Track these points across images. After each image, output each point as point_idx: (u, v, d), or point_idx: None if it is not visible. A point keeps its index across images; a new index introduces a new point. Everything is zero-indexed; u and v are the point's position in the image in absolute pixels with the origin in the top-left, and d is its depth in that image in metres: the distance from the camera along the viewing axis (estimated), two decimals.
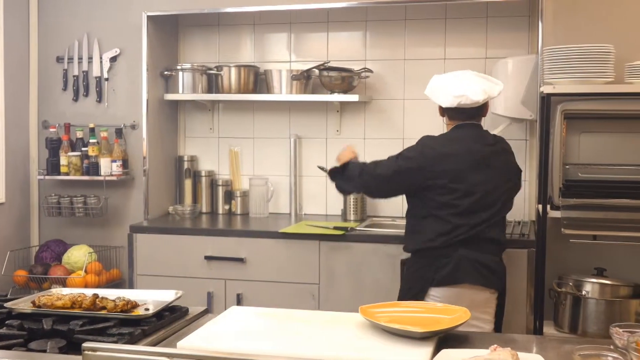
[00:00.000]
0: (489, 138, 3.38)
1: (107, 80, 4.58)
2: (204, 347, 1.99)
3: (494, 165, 3.29)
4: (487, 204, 3.24)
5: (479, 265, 3.20)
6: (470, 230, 3.20)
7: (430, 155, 3.27)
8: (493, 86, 3.34)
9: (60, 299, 2.27)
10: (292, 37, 4.64)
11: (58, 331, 2.07)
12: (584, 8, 3.79)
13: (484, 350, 1.94)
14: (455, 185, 3.21)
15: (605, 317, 3.33)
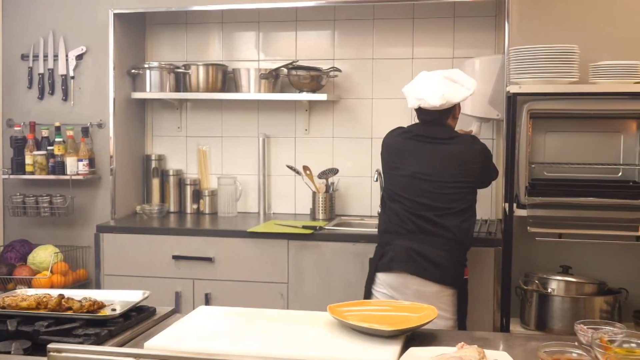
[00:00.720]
0: (442, 134, 3.37)
1: (73, 79, 4.53)
2: (171, 347, 1.98)
3: (441, 160, 3.30)
4: (433, 197, 3.27)
5: (417, 256, 3.21)
6: (415, 222, 3.26)
7: (384, 146, 3.50)
8: (455, 92, 3.35)
9: (25, 300, 2.25)
10: (260, 35, 4.63)
11: (23, 332, 2.05)
12: (549, 9, 3.83)
13: (451, 348, 1.96)
14: (399, 177, 3.34)
15: (571, 314, 3.37)
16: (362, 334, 2.09)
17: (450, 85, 3.37)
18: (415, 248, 3.22)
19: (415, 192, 3.29)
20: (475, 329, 3.19)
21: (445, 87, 3.34)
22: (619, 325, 2.11)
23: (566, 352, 1.90)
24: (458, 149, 3.33)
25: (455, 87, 3.38)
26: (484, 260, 3.68)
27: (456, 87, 3.38)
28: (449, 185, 3.27)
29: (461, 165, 3.30)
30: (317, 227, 3.99)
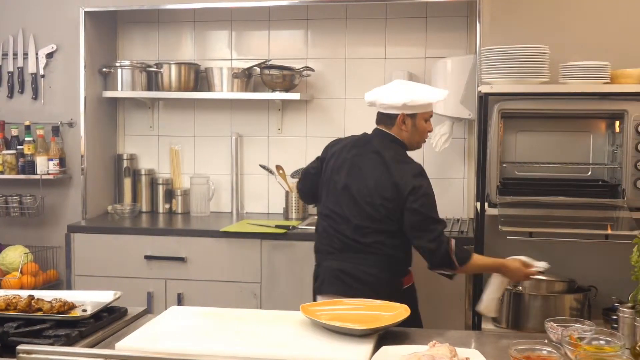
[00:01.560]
0: (374, 146, 3.15)
1: (44, 77, 4.48)
2: (143, 347, 1.97)
3: (362, 173, 3.09)
4: (353, 212, 3.06)
5: (345, 277, 3.03)
6: (342, 240, 3.07)
7: (327, 148, 3.38)
8: (396, 100, 3.10)
9: None
10: (233, 34, 4.62)
11: None
12: (520, 10, 3.87)
13: (423, 347, 1.97)
14: (326, 185, 3.21)
15: (541, 312, 3.40)
16: (334, 333, 2.09)
17: (400, 93, 3.13)
18: (343, 268, 3.03)
19: (338, 204, 3.10)
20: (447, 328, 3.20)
21: (394, 93, 3.15)
22: (588, 323, 2.14)
23: (536, 350, 1.92)
24: (385, 168, 3.05)
25: (405, 94, 3.12)
26: None
27: (405, 94, 3.12)
28: (373, 202, 3.02)
29: (382, 185, 3.02)
30: (290, 227, 3.99)
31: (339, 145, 3.28)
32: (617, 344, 1.90)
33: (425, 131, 3.20)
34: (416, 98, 3.10)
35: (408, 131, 3.15)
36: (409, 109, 3.10)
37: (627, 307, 2.21)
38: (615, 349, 1.89)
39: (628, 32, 3.78)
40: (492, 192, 3.56)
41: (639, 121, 3.40)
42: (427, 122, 3.19)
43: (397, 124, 3.15)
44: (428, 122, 3.19)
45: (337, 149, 3.27)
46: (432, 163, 4.37)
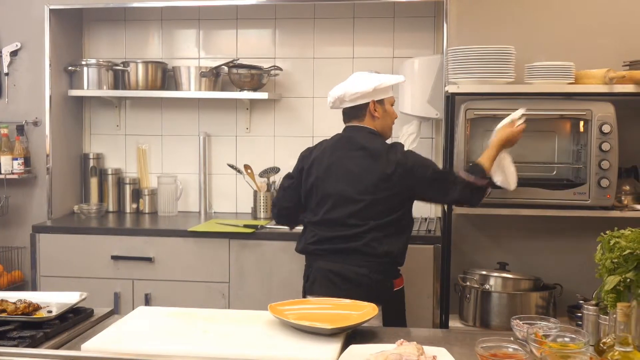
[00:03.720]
0: (356, 143, 3.15)
1: (7, 75, 4.42)
2: (109, 348, 1.96)
3: (352, 173, 3.08)
4: (347, 213, 3.05)
5: (335, 278, 3.03)
6: (331, 241, 3.07)
7: (303, 158, 3.32)
8: (366, 87, 3.14)
9: None
10: (200, 33, 4.60)
11: None
12: (486, 10, 3.91)
13: (390, 345, 1.98)
14: (314, 193, 3.18)
15: (508, 310, 3.44)
16: (303, 332, 2.09)
17: (349, 83, 3.21)
18: (334, 269, 3.03)
19: (330, 208, 3.09)
20: (414, 326, 3.23)
21: (346, 84, 3.21)
22: (553, 320, 2.16)
23: (503, 347, 1.94)
24: (372, 163, 3.06)
25: (352, 84, 3.19)
26: (423, 257, 3.73)
27: (352, 84, 3.19)
28: (365, 199, 3.03)
29: (377, 178, 3.03)
30: (258, 226, 3.99)
31: (317, 151, 3.24)
32: (582, 341, 1.93)
33: (394, 115, 3.29)
34: (384, 81, 3.18)
35: (381, 117, 3.20)
36: (379, 93, 3.17)
37: (592, 305, 2.24)
38: (579, 346, 1.92)
39: (592, 33, 3.84)
40: None
41: (602, 121, 3.45)
42: (392, 106, 3.28)
43: (369, 114, 3.18)
44: (393, 107, 3.29)
45: (316, 155, 3.22)
46: None
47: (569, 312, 3.59)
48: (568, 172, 3.73)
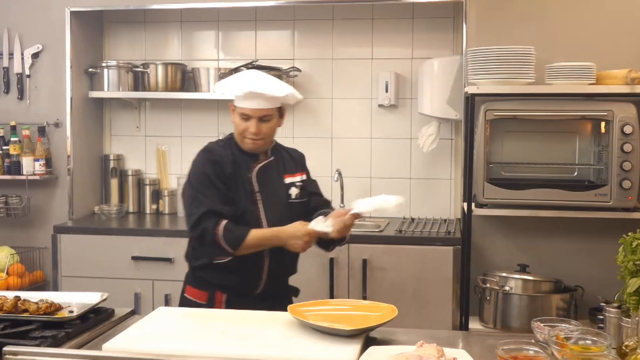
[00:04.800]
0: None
1: (29, 77, 4.46)
2: (130, 348, 1.97)
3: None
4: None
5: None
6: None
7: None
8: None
9: None
10: (220, 35, 4.61)
11: None
12: (506, 11, 3.89)
13: (410, 347, 1.97)
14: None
15: (528, 312, 3.42)
16: (322, 333, 2.09)
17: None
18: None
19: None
20: (434, 328, 3.22)
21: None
22: (574, 323, 2.14)
23: (523, 350, 1.92)
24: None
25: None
26: (442, 259, 3.71)
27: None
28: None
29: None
30: None
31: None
32: (604, 344, 1.91)
33: (238, 128, 2.80)
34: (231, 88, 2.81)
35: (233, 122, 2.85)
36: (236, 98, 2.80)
37: (613, 307, 2.22)
38: (601, 348, 1.90)
39: (613, 33, 3.80)
40: (479, 193, 3.57)
41: (624, 122, 3.42)
42: (242, 120, 2.78)
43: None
44: (244, 122, 2.78)
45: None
46: (419, 163, 4.39)
47: (590, 315, 3.56)
48: (589, 173, 3.70)
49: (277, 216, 2.81)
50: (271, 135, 2.87)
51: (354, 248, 3.80)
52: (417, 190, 4.41)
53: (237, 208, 2.77)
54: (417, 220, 4.23)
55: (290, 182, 2.92)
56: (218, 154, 2.82)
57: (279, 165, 2.92)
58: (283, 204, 2.88)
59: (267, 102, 2.77)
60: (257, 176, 2.83)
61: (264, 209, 2.82)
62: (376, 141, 4.45)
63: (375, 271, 3.79)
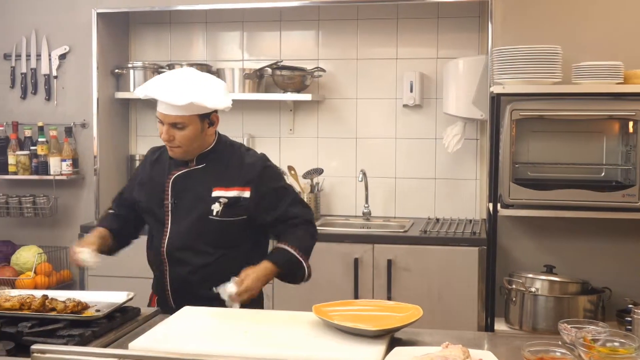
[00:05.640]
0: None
1: (56, 78, 4.51)
2: (156, 347, 1.98)
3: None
4: None
5: None
6: None
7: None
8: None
9: (9, 301, 2.23)
10: (244, 35, 4.63)
11: (6, 333, 2.04)
12: (532, 10, 3.86)
13: (436, 348, 1.96)
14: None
15: (555, 314, 3.39)
16: (347, 334, 2.09)
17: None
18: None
19: None
20: (459, 329, 3.20)
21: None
22: (602, 324, 2.12)
23: (550, 351, 1.91)
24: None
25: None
26: (468, 259, 3.69)
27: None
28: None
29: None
30: None
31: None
32: (632, 346, 1.89)
33: (159, 133, 2.62)
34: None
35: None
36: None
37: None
38: (629, 350, 1.88)
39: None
40: (505, 193, 3.54)
41: None
42: (159, 122, 2.60)
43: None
44: (160, 126, 2.60)
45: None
46: (444, 164, 4.37)
47: (617, 317, 3.52)
48: (617, 173, 3.66)
49: (182, 230, 2.61)
50: (192, 144, 2.59)
51: (378, 248, 3.80)
52: (442, 190, 4.39)
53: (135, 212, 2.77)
54: (442, 220, 4.21)
55: (217, 197, 2.61)
56: (155, 155, 2.78)
57: (207, 175, 2.64)
58: (198, 218, 2.61)
59: (176, 109, 2.51)
60: (173, 184, 2.64)
61: (171, 220, 2.63)
62: (401, 141, 4.44)
63: (399, 272, 3.78)
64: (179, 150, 2.59)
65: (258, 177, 2.64)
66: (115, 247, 2.85)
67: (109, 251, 2.81)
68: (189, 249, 2.61)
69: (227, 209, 2.60)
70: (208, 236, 2.61)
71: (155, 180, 2.69)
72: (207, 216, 2.60)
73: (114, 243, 2.82)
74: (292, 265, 2.64)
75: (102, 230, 2.76)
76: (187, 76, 2.60)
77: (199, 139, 2.60)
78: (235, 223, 2.62)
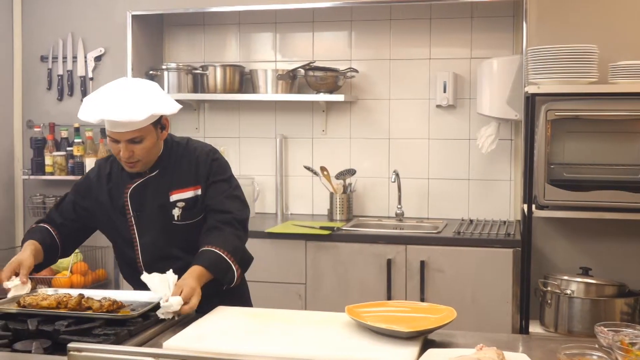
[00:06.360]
0: None
1: (92, 80, 4.56)
2: (190, 347, 1.99)
3: None
4: None
5: None
6: None
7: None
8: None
9: (46, 299, 2.26)
10: (277, 36, 4.64)
11: (43, 332, 2.06)
12: (567, 9, 3.81)
13: (470, 350, 1.95)
14: None
15: (591, 316, 3.34)
16: (380, 335, 2.08)
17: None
18: None
19: None
20: (493, 331, 3.17)
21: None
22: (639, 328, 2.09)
23: (586, 355, 1.88)
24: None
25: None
26: (502, 261, 3.66)
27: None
28: None
29: None
30: (334, 228, 3.99)
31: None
32: None
33: (115, 153, 2.56)
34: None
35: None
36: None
37: None
38: None
39: None
40: (540, 194, 3.51)
41: None
42: (115, 144, 2.52)
43: None
44: (116, 145, 2.52)
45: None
46: (478, 164, 4.34)
47: None
48: None
49: (151, 241, 2.60)
50: (150, 154, 2.55)
51: (411, 249, 3.78)
52: (475, 191, 4.36)
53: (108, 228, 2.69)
54: (475, 221, 4.19)
55: (177, 200, 2.59)
56: (107, 169, 2.69)
57: (163, 181, 2.60)
58: (163, 226, 2.59)
59: (131, 125, 2.43)
60: (131, 197, 2.60)
61: (138, 233, 2.61)
62: (434, 142, 4.42)
63: (433, 273, 3.76)
64: (139, 164, 2.55)
65: (207, 172, 2.63)
66: (43, 264, 2.68)
67: (35, 267, 2.62)
68: (164, 258, 2.58)
69: (186, 212, 2.59)
70: (177, 241, 2.60)
71: (113, 196, 2.63)
72: (170, 222, 2.58)
73: (44, 259, 2.66)
74: (221, 268, 2.48)
75: (37, 246, 2.62)
76: (125, 88, 2.51)
77: (156, 147, 2.57)
78: (199, 223, 2.61)
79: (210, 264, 2.44)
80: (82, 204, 2.71)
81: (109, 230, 2.71)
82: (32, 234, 2.67)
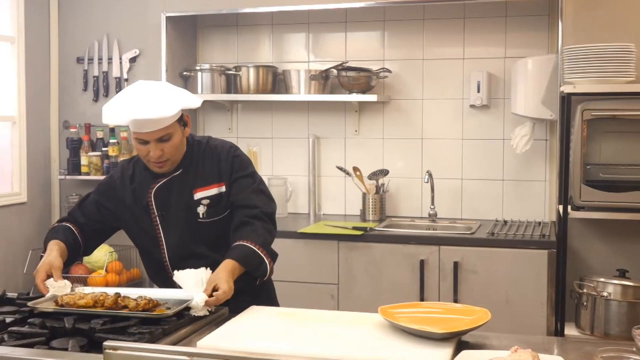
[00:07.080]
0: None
1: (127, 81, 4.61)
2: (224, 346, 2.00)
3: None
4: None
5: None
6: None
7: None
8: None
9: (83, 298, 2.29)
10: (310, 37, 4.65)
11: (79, 330, 2.09)
12: (604, 7, 3.76)
13: (504, 352, 1.93)
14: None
15: (628, 319, 3.30)
16: (413, 336, 2.07)
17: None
18: None
19: None
20: (528, 333, 3.14)
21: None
22: None
23: (624, 358, 1.86)
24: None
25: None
26: (537, 263, 3.63)
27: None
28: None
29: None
30: (367, 228, 3.99)
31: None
32: None
33: (142, 155, 2.58)
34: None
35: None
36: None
37: None
38: None
39: None
40: (576, 195, 3.47)
41: None
42: (143, 145, 2.53)
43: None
44: (144, 147, 2.53)
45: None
46: (512, 165, 4.30)
47: None
48: None
49: (177, 240, 2.61)
50: (178, 152, 2.58)
51: (444, 250, 3.76)
52: (510, 192, 4.32)
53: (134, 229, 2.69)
54: (510, 222, 4.15)
55: (201, 198, 2.60)
56: (130, 170, 2.71)
57: (187, 180, 2.62)
58: (189, 225, 2.61)
59: (159, 123, 2.46)
60: (155, 197, 2.61)
61: (163, 233, 2.62)
62: (467, 142, 4.39)
63: (466, 274, 3.74)
64: (168, 162, 2.56)
65: (229, 169, 2.64)
66: (66, 263, 2.67)
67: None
68: (191, 257, 2.58)
69: (211, 209, 2.61)
70: (203, 240, 2.62)
71: (137, 197, 2.65)
72: (195, 220, 2.60)
73: (67, 258, 2.67)
74: (253, 261, 2.51)
75: (62, 246, 2.62)
76: (146, 89, 2.55)
77: (182, 144, 2.60)
78: (225, 220, 2.63)
79: (243, 258, 2.46)
80: (105, 205, 2.72)
81: (135, 231, 2.73)
82: (55, 234, 2.67)
